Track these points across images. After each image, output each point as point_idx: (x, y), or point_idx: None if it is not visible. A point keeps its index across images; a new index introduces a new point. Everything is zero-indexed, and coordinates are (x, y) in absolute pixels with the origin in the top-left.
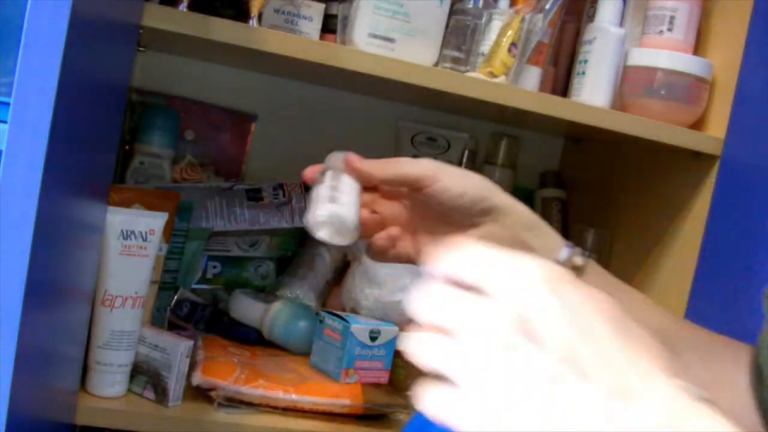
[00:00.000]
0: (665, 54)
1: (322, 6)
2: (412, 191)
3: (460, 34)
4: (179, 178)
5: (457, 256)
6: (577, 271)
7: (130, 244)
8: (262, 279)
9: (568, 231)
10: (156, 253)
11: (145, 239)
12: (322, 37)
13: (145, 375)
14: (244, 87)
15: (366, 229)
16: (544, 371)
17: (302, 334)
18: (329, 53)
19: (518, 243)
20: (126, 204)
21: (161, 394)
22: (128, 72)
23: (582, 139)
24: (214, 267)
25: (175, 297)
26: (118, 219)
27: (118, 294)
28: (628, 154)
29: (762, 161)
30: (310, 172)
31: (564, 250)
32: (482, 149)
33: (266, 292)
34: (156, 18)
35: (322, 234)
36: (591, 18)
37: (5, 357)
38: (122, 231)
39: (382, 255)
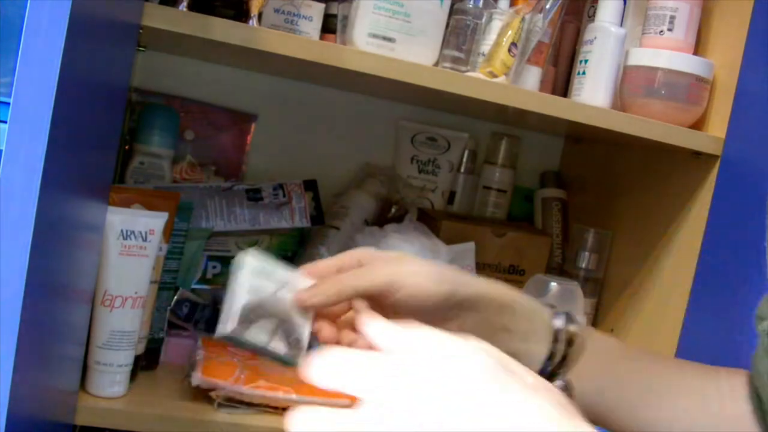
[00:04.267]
0: (665, 54)
1: (322, 6)
2: (373, 302)
3: (460, 34)
4: (179, 178)
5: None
6: (575, 337)
7: (130, 244)
8: None
9: (568, 231)
10: (156, 253)
11: (145, 239)
12: (322, 37)
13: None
14: (244, 87)
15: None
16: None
17: None
18: (329, 53)
19: (498, 328)
20: (126, 204)
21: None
22: (128, 72)
23: (582, 139)
24: (214, 267)
25: (175, 297)
26: (118, 219)
27: (118, 294)
28: (628, 154)
29: (762, 161)
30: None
31: (555, 320)
32: (482, 149)
33: None
34: (156, 18)
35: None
36: (591, 18)
37: (5, 357)
38: (122, 231)
39: None
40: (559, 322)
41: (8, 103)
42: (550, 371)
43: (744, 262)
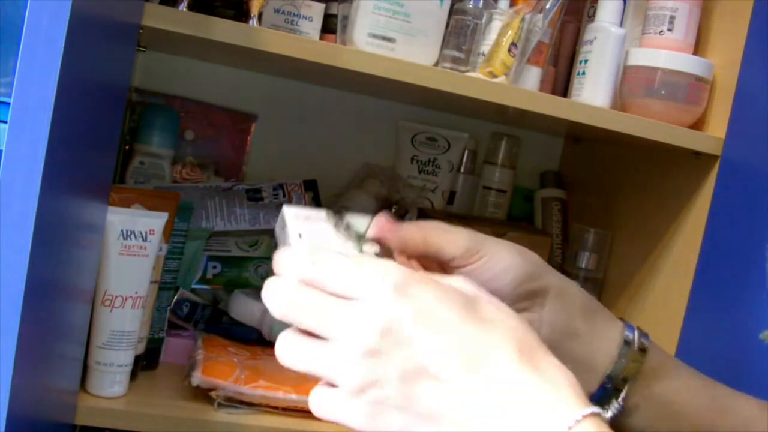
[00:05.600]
0: (665, 54)
1: (322, 6)
2: (443, 266)
3: (460, 34)
4: (179, 178)
5: (322, 263)
6: (644, 353)
7: (130, 244)
8: (262, 279)
9: (568, 231)
10: (156, 253)
11: (145, 239)
12: (322, 37)
13: None
14: (244, 87)
15: None
16: (407, 370)
17: None
18: (329, 53)
19: (568, 332)
20: (126, 204)
21: None
22: (128, 72)
23: (582, 139)
24: (214, 267)
25: (175, 297)
26: (118, 219)
27: (118, 294)
28: (628, 154)
29: (762, 161)
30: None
31: (627, 333)
32: (482, 149)
33: None
34: (156, 18)
35: None
36: (591, 18)
37: (5, 357)
38: (122, 231)
39: None
40: (630, 336)
41: (8, 103)
42: (612, 387)
43: (744, 262)
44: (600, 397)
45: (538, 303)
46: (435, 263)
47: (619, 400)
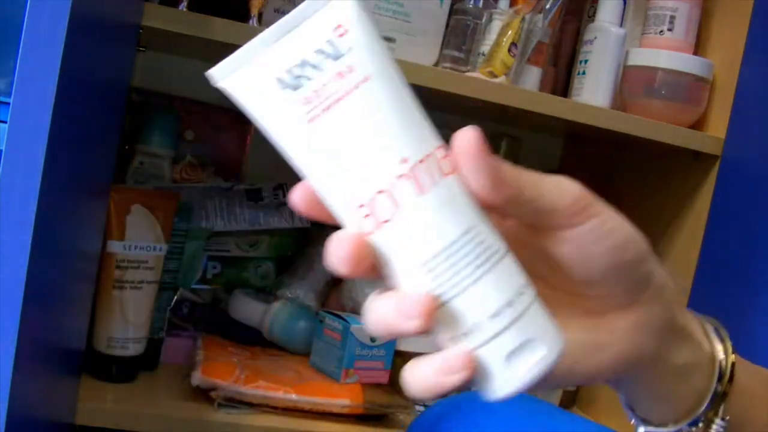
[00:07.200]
0: (665, 54)
1: None
2: (535, 230)
3: (460, 34)
4: (179, 178)
5: None
6: (734, 368)
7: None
8: (262, 279)
9: None
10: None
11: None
12: None
13: None
14: None
15: None
16: None
17: (302, 334)
18: None
19: (673, 336)
20: (126, 204)
21: None
22: (128, 72)
23: (582, 139)
24: (214, 267)
25: (175, 297)
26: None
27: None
28: (628, 154)
29: (762, 161)
30: None
31: (712, 334)
32: None
33: (266, 292)
34: (156, 18)
35: None
36: (591, 18)
37: (5, 357)
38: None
39: None
40: (719, 348)
41: (8, 103)
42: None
43: (744, 261)
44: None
45: (650, 296)
46: (517, 225)
47: (720, 417)
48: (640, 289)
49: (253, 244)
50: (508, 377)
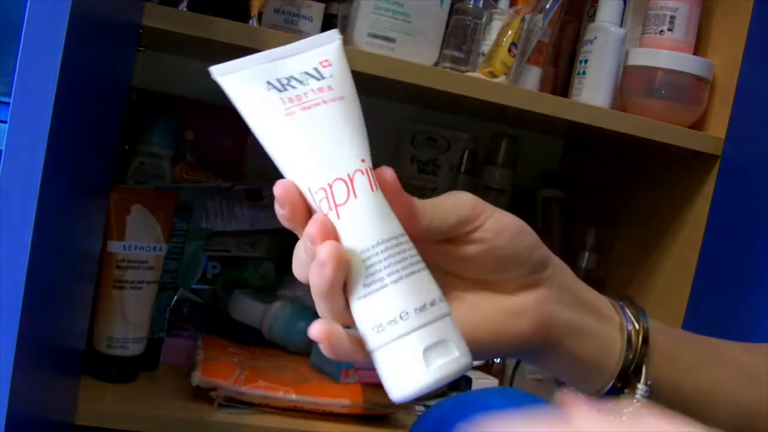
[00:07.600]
0: (665, 54)
1: (322, 6)
2: (442, 244)
3: (460, 34)
4: (179, 178)
5: None
6: (647, 344)
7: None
8: (262, 279)
9: (568, 231)
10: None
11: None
12: None
13: None
14: None
15: None
16: None
17: (302, 334)
18: None
19: (580, 308)
20: (126, 204)
21: None
22: (128, 72)
23: (582, 139)
24: (214, 267)
25: (175, 297)
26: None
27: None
28: (628, 154)
29: (762, 161)
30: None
31: (621, 310)
32: (482, 149)
33: (266, 292)
34: (156, 18)
35: None
36: (591, 18)
37: (5, 357)
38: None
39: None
40: (631, 318)
41: (8, 103)
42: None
43: (744, 261)
44: (616, 391)
45: (547, 276)
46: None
47: (642, 383)
48: (541, 268)
49: (253, 244)
50: (425, 371)
